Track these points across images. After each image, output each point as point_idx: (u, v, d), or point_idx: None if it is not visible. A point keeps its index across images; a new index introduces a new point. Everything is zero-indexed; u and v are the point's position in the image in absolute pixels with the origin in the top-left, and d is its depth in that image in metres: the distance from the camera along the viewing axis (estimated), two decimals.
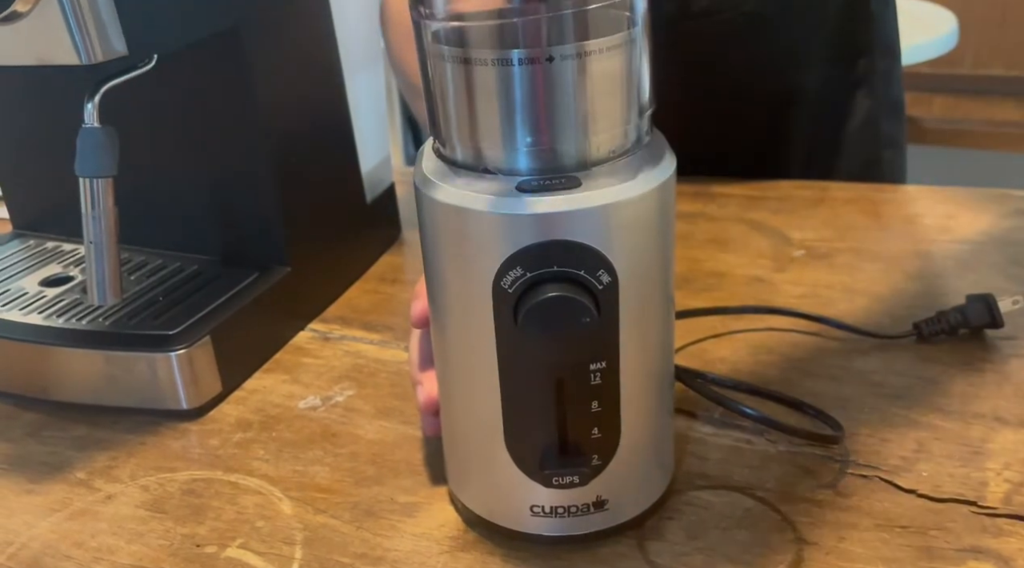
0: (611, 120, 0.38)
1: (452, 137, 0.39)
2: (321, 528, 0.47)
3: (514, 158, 0.37)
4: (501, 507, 0.44)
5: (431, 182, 0.39)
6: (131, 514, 0.49)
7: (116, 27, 0.47)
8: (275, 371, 0.61)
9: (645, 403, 0.42)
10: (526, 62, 0.35)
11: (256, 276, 0.63)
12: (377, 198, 0.74)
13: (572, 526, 0.43)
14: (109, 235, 0.51)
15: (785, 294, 0.65)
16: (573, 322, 0.37)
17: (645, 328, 0.40)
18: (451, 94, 0.38)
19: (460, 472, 0.46)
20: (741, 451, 0.50)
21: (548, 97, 0.36)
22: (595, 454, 0.41)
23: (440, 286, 0.41)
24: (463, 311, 0.40)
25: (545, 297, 0.37)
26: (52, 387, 0.58)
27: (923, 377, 0.55)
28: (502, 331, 0.39)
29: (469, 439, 0.44)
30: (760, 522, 0.45)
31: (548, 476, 0.41)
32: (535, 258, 0.37)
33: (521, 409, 0.41)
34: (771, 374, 0.56)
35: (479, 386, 0.41)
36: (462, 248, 0.39)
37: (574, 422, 0.41)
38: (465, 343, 0.41)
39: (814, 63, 0.83)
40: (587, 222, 0.37)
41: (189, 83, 0.60)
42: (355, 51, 0.68)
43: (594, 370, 0.39)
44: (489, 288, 0.38)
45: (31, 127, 0.67)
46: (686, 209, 0.79)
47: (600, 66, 0.36)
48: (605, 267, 0.37)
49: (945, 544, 0.43)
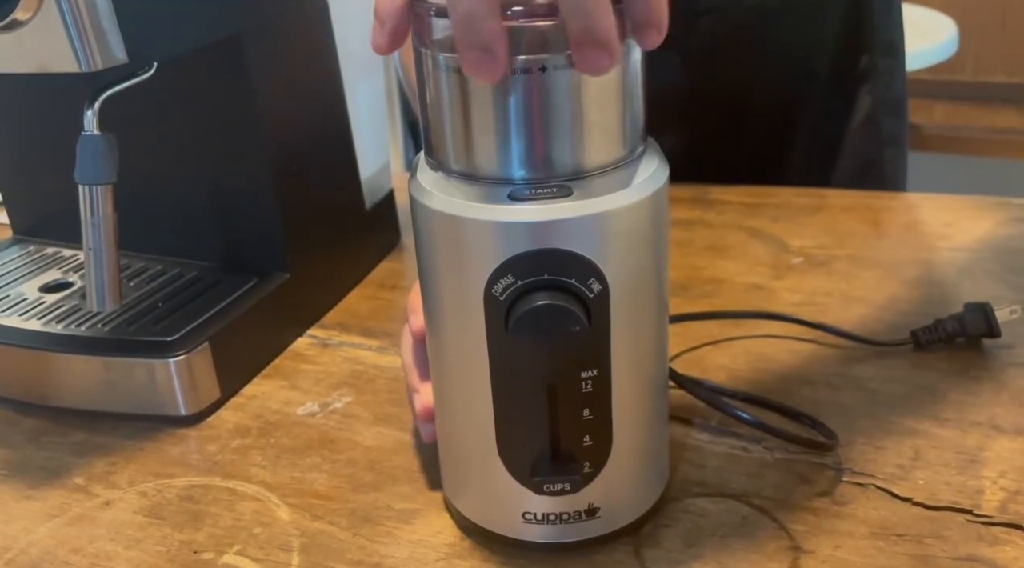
0: (605, 130, 0.38)
1: (446, 145, 0.39)
2: (318, 534, 0.47)
3: (508, 167, 0.38)
4: (495, 514, 0.44)
5: (425, 190, 0.39)
6: (129, 520, 0.49)
7: (116, 35, 0.47)
8: (274, 377, 0.61)
9: (637, 411, 0.42)
10: (520, 71, 0.36)
11: (255, 282, 0.63)
12: (376, 204, 0.74)
13: (564, 533, 0.43)
14: (108, 241, 0.51)
15: (783, 301, 0.65)
16: (563, 330, 0.37)
17: (637, 336, 0.41)
18: (446, 102, 0.38)
19: (455, 479, 0.46)
20: (738, 459, 0.50)
21: (542, 107, 0.36)
22: (587, 462, 0.41)
23: (434, 293, 0.41)
24: (456, 318, 0.40)
25: (536, 305, 0.37)
26: (51, 393, 0.58)
27: (920, 385, 0.55)
28: (494, 338, 0.39)
29: (463, 446, 0.44)
30: (756, 530, 0.45)
31: (539, 483, 0.41)
32: (526, 266, 0.37)
33: (513, 416, 0.41)
34: (768, 381, 0.56)
35: (472, 393, 0.41)
36: (455, 255, 0.39)
37: (566, 430, 0.41)
38: (459, 350, 0.41)
39: (817, 60, 0.83)
40: (578, 231, 0.37)
41: (189, 90, 0.60)
42: (355, 58, 0.68)
43: (585, 378, 0.40)
44: (481, 295, 0.38)
45: (31, 134, 0.67)
46: (684, 216, 0.79)
47: (593, 76, 0.36)
48: (596, 276, 0.38)
49: (941, 552, 0.43)
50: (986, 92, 2.92)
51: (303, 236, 0.65)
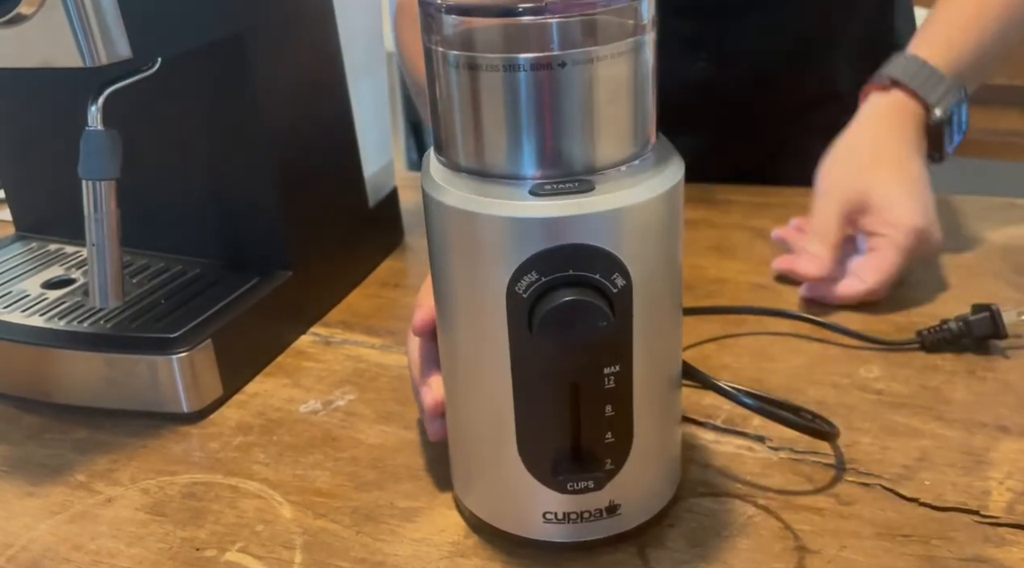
0: (619, 125, 0.38)
1: (459, 143, 0.39)
2: (321, 532, 0.47)
3: (524, 163, 0.37)
4: (511, 513, 0.44)
5: (440, 187, 0.39)
6: (131, 517, 0.48)
7: (120, 30, 0.47)
8: (276, 375, 0.61)
9: (657, 407, 0.42)
10: (535, 67, 0.35)
11: (258, 280, 0.62)
12: (379, 203, 0.74)
13: (584, 532, 0.43)
14: (111, 238, 0.51)
15: (787, 302, 0.65)
16: (589, 326, 0.37)
17: (657, 331, 0.41)
18: (458, 99, 0.38)
19: (467, 477, 0.46)
20: (743, 458, 0.50)
21: (558, 103, 0.36)
22: (608, 459, 0.41)
23: (449, 291, 0.41)
24: (474, 316, 0.40)
25: (562, 301, 0.37)
26: (53, 390, 0.58)
27: (926, 386, 0.55)
28: (515, 336, 0.39)
29: (478, 444, 0.43)
30: (762, 530, 0.45)
31: (562, 481, 0.41)
32: (550, 262, 0.37)
33: (534, 414, 0.40)
34: (774, 380, 0.56)
35: (490, 391, 0.41)
36: (473, 253, 0.38)
37: (588, 427, 0.40)
38: (476, 348, 0.41)
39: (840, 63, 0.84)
40: (601, 226, 0.37)
41: (193, 87, 0.60)
42: (359, 57, 0.68)
43: (608, 374, 0.39)
44: (503, 293, 0.38)
45: (34, 130, 0.67)
46: (689, 216, 0.78)
47: (609, 72, 0.36)
48: (620, 270, 0.37)
49: (948, 553, 0.43)
50: (989, 95, 2.91)
51: (306, 234, 0.65)
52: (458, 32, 0.38)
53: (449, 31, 0.38)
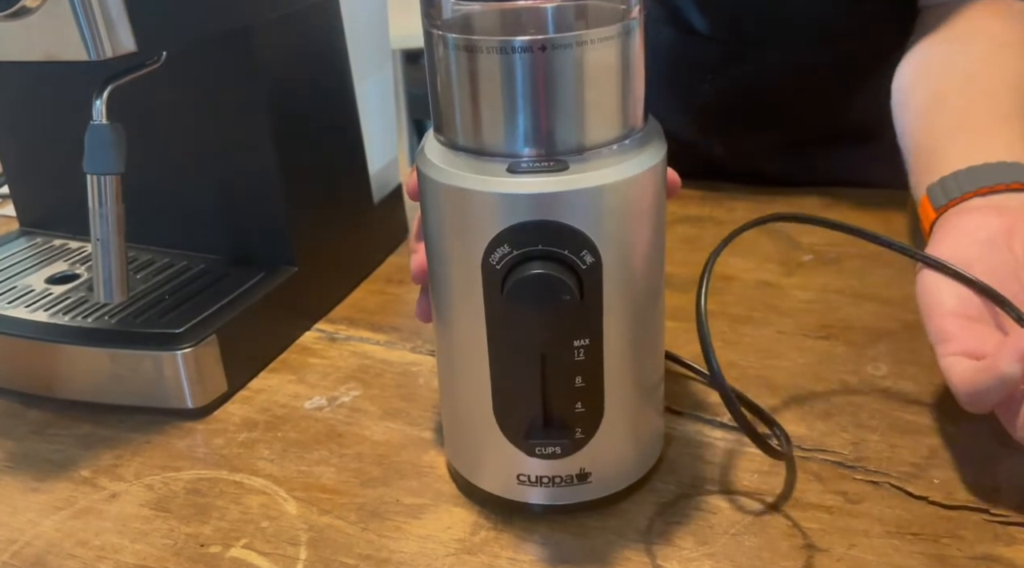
0: (604, 108, 0.39)
1: (453, 122, 0.40)
2: (326, 529, 0.46)
3: (510, 143, 0.39)
4: (491, 475, 0.46)
5: (431, 163, 0.41)
6: (135, 513, 0.48)
7: (125, 24, 0.47)
8: (281, 371, 0.60)
9: (630, 381, 0.43)
10: (526, 50, 0.37)
11: (263, 275, 0.62)
12: (384, 199, 0.74)
13: (557, 496, 0.45)
14: (116, 233, 0.51)
15: (793, 298, 0.64)
16: (555, 299, 0.39)
17: (631, 309, 0.42)
18: (454, 80, 0.39)
19: (455, 440, 0.48)
20: (750, 456, 0.49)
21: (545, 84, 0.38)
22: (578, 428, 0.43)
23: (438, 261, 0.43)
24: (458, 285, 0.42)
25: (528, 274, 0.38)
26: (57, 385, 0.58)
27: (935, 383, 0.54)
28: (491, 305, 0.41)
29: (464, 409, 0.45)
30: (769, 528, 0.45)
31: (532, 446, 0.43)
32: (522, 237, 0.39)
33: (509, 381, 0.43)
34: (780, 378, 0.56)
35: (472, 358, 0.43)
36: (456, 225, 0.41)
37: (558, 396, 0.42)
38: (460, 317, 0.43)
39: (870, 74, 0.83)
40: (572, 204, 0.38)
41: (198, 81, 0.60)
42: (364, 52, 0.68)
43: (578, 346, 0.41)
44: (478, 263, 0.40)
45: (38, 124, 0.67)
46: (694, 213, 0.78)
47: (594, 55, 0.38)
48: (589, 248, 0.39)
49: (957, 552, 0.42)
50: None
51: (311, 230, 0.64)
52: (456, 16, 0.40)
53: (448, 15, 0.40)
